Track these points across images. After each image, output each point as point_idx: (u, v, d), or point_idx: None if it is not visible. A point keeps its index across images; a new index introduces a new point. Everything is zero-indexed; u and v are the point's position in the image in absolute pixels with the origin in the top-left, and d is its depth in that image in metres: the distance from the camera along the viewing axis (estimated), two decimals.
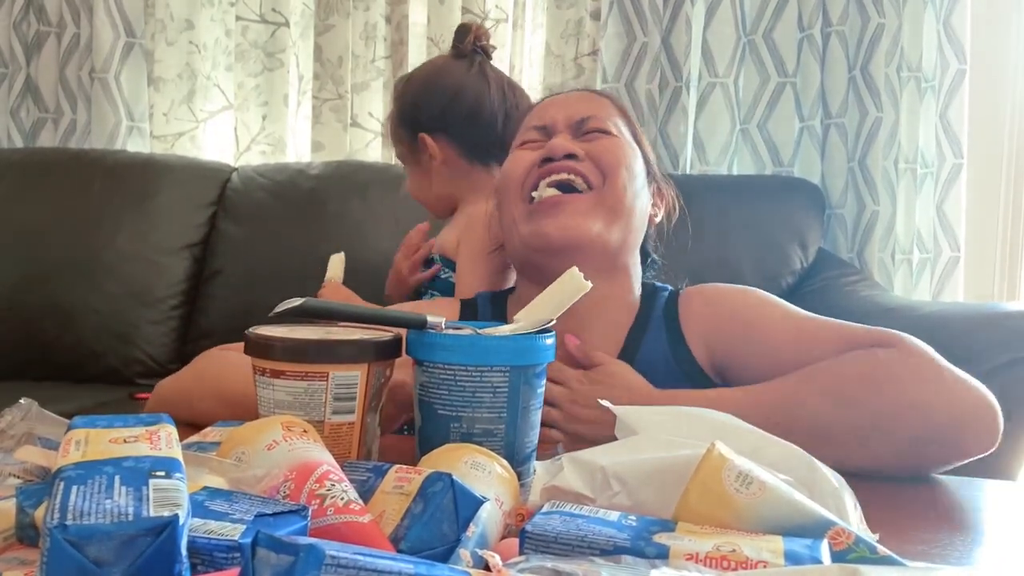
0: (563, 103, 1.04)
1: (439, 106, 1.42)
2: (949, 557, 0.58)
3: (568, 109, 1.01)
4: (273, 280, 2.04)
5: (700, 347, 0.94)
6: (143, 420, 0.50)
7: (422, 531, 0.47)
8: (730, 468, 0.50)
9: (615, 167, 0.95)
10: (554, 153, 0.95)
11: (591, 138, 0.98)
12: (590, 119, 1.00)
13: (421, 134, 1.44)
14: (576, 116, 1.00)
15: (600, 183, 0.95)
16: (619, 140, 0.99)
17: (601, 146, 0.97)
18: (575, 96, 1.06)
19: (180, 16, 2.43)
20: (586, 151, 0.96)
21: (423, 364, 0.65)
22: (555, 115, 1.01)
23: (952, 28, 1.96)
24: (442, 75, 1.45)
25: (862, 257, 2.00)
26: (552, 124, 1.01)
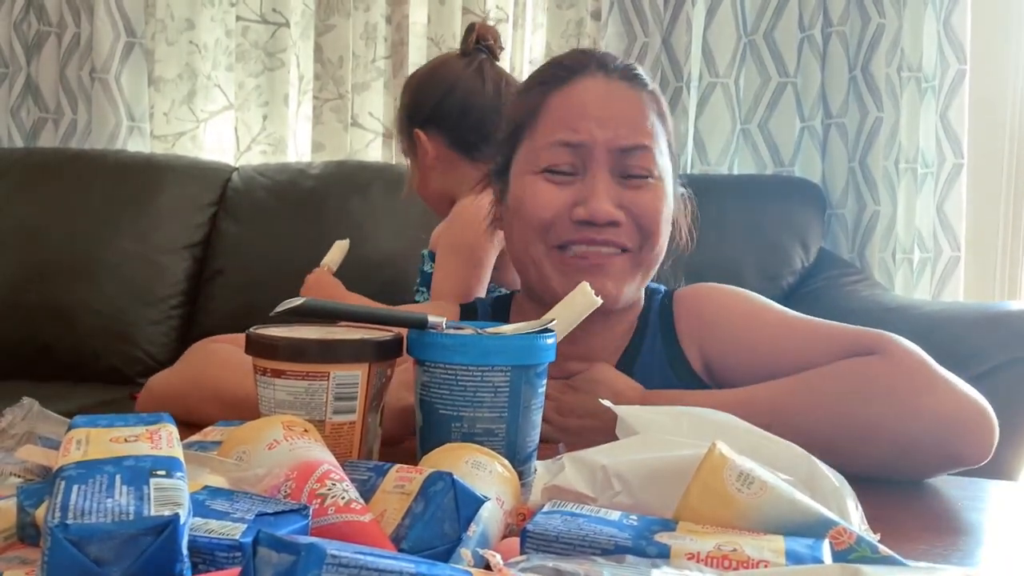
0: (603, 115, 0.89)
1: (433, 101, 1.44)
2: (950, 557, 0.58)
3: (610, 128, 0.88)
4: (273, 280, 2.04)
5: (693, 349, 0.94)
6: (144, 419, 0.50)
7: (423, 530, 0.47)
8: (731, 468, 0.50)
9: (655, 229, 0.90)
10: (597, 221, 0.87)
11: (634, 186, 0.89)
12: (636, 152, 0.88)
13: (416, 130, 1.46)
14: (619, 142, 0.88)
15: (638, 245, 0.89)
16: (660, 188, 0.90)
17: (644, 202, 0.89)
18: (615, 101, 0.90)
19: (180, 16, 2.43)
20: (627, 209, 0.88)
21: (424, 364, 0.65)
22: (594, 133, 0.88)
23: (952, 28, 1.96)
24: (439, 71, 1.48)
25: (863, 257, 2.00)
26: (590, 144, 0.88)
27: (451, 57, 1.51)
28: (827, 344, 0.85)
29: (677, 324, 0.95)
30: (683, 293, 0.98)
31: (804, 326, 0.90)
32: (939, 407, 0.76)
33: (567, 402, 0.87)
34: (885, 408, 0.77)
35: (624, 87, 0.91)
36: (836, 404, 0.79)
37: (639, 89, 0.92)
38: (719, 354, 0.92)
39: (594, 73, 0.91)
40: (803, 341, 0.87)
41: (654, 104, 0.92)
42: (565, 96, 0.91)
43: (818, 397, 0.80)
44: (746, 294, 0.97)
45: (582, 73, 0.91)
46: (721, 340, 0.92)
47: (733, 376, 0.89)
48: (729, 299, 0.96)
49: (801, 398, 0.80)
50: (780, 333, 0.90)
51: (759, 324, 0.91)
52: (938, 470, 0.79)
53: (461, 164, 1.45)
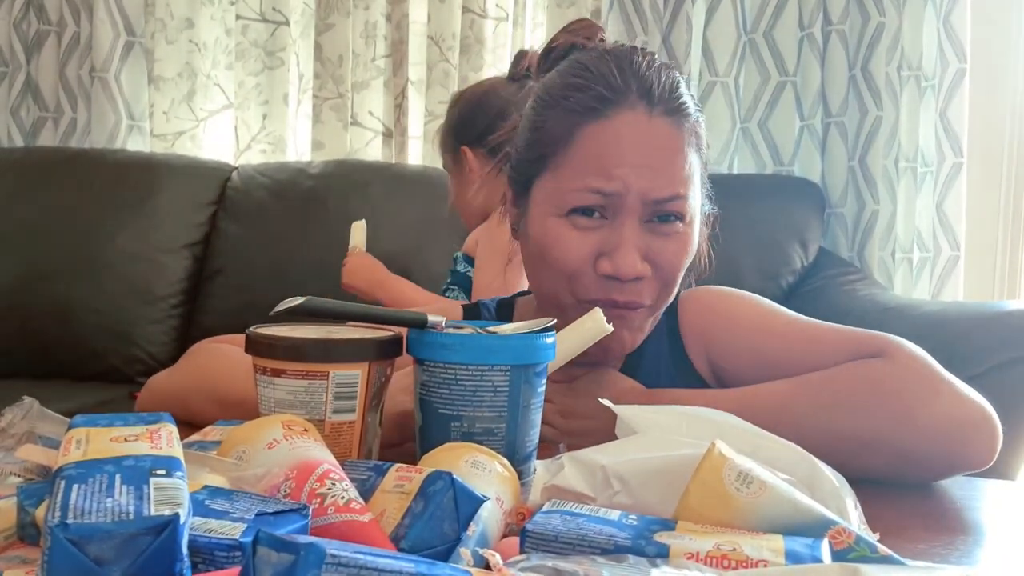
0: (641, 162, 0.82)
1: (484, 123, 1.51)
2: (949, 557, 0.58)
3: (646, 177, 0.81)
4: (273, 279, 2.04)
5: (698, 351, 0.93)
6: (144, 419, 0.50)
7: (423, 530, 0.47)
8: (731, 467, 0.50)
9: (676, 277, 0.86)
10: (622, 277, 0.82)
11: (662, 233, 0.83)
12: (675, 201, 0.83)
13: (463, 147, 1.56)
14: (653, 194, 0.82)
15: (658, 296, 0.86)
16: (688, 234, 0.85)
17: (669, 253, 0.84)
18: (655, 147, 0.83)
19: (180, 15, 2.43)
20: (652, 261, 0.83)
21: (424, 363, 0.65)
22: (629, 182, 0.81)
23: (952, 27, 1.96)
24: (491, 95, 1.56)
25: (862, 256, 2.00)
26: (623, 193, 0.81)
27: (501, 81, 1.58)
28: (834, 347, 0.84)
29: (682, 327, 0.95)
30: (688, 296, 0.97)
31: (811, 329, 0.89)
32: (943, 411, 0.76)
33: (569, 404, 0.86)
34: (888, 412, 0.77)
35: (667, 125, 0.83)
36: (839, 407, 0.78)
37: (681, 122, 0.84)
38: (725, 357, 0.92)
39: (634, 105, 0.83)
40: (810, 344, 0.86)
41: (694, 138, 0.86)
42: (599, 133, 0.82)
43: (821, 399, 0.80)
44: (752, 297, 0.96)
45: (621, 104, 0.83)
46: (727, 343, 0.92)
47: (739, 379, 0.88)
48: (735, 302, 0.95)
49: (803, 400, 0.80)
50: (787, 336, 0.89)
51: (766, 328, 0.91)
52: (942, 475, 0.78)
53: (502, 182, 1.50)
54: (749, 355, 0.90)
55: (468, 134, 1.55)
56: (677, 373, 0.93)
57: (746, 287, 1.00)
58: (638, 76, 0.84)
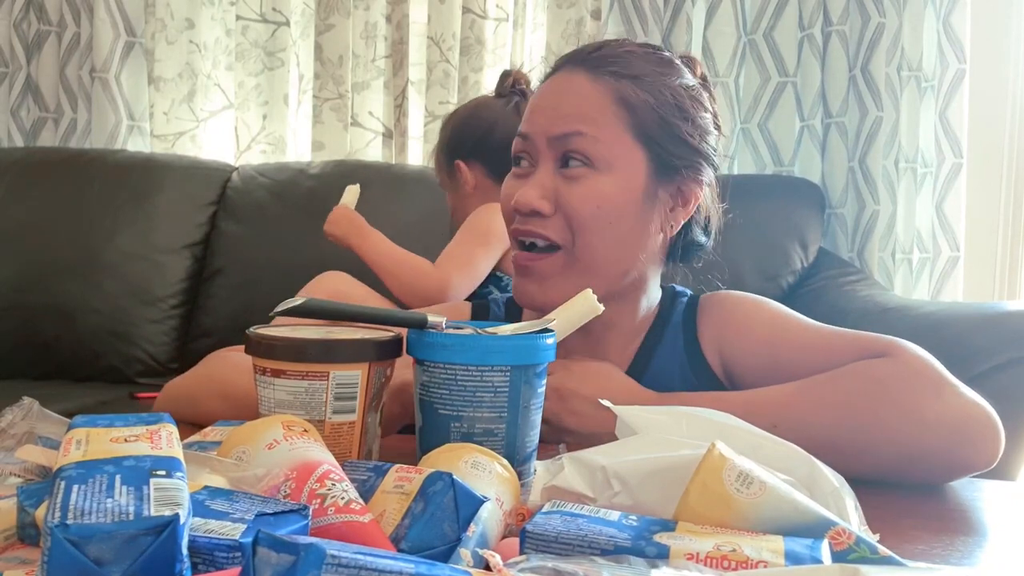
0: (548, 103, 0.89)
1: (476, 137, 1.62)
2: (949, 557, 0.58)
3: (551, 115, 0.88)
4: (273, 280, 2.04)
5: (713, 353, 0.93)
6: (144, 419, 0.50)
7: (423, 531, 0.47)
8: (730, 468, 0.50)
9: (586, 223, 0.86)
10: (520, 209, 0.87)
11: (569, 176, 0.87)
12: (572, 137, 0.86)
13: (457, 160, 1.64)
14: (556, 129, 0.87)
15: (570, 242, 0.87)
16: (595, 182, 0.86)
17: (575, 195, 0.86)
18: (563, 92, 0.89)
19: (180, 15, 2.43)
20: (559, 200, 0.86)
21: (424, 364, 0.65)
22: (537, 123, 0.89)
23: (952, 27, 1.96)
24: (481, 110, 1.66)
25: (862, 257, 2.00)
26: (533, 136, 0.89)
27: (489, 99, 1.69)
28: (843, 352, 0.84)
29: (700, 328, 0.95)
30: (708, 299, 0.97)
31: (822, 335, 0.89)
32: (948, 410, 0.76)
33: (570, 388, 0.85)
34: (893, 410, 0.77)
35: (582, 77, 0.88)
36: (843, 405, 0.78)
37: (602, 77, 0.87)
38: (738, 361, 0.92)
39: (563, 69, 0.91)
40: (821, 350, 0.86)
41: (621, 92, 0.87)
42: (535, 92, 0.93)
43: (825, 398, 0.80)
44: (767, 302, 0.96)
45: (559, 70, 0.92)
46: (741, 347, 0.92)
47: (751, 383, 0.88)
48: (751, 308, 0.95)
49: (806, 399, 0.80)
50: (800, 342, 0.89)
51: (779, 333, 0.90)
52: (948, 475, 0.78)
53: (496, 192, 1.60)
54: (761, 360, 0.90)
55: (461, 149, 1.64)
56: (693, 373, 0.93)
57: (746, 288, 1.00)
58: (583, 49, 0.93)
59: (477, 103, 1.70)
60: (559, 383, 0.83)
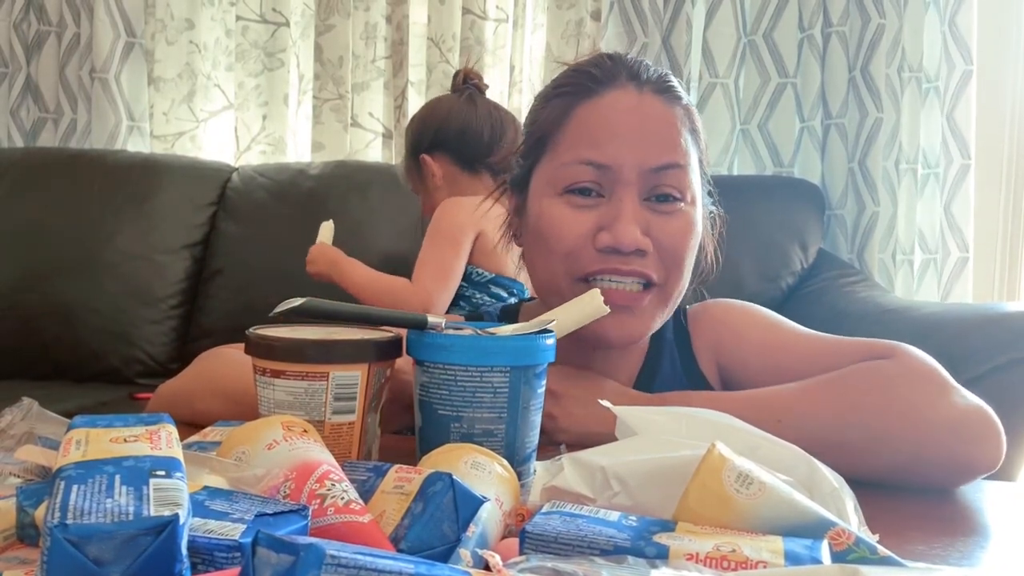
0: (633, 133, 0.82)
1: (433, 129, 1.71)
2: (949, 558, 0.58)
3: (640, 147, 0.82)
4: (273, 280, 2.04)
5: (709, 364, 0.93)
6: (143, 420, 0.50)
7: (422, 531, 0.47)
8: (730, 468, 0.50)
9: (682, 260, 0.84)
10: (623, 248, 0.80)
11: (663, 211, 0.83)
12: (671, 170, 0.82)
13: (422, 155, 1.72)
14: (649, 163, 0.81)
15: (663, 278, 0.84)
16: (691, 215, 0.84)
17: (672, 230, 0.82)
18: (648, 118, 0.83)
19: (180, 16, 2.43)
20: (654, 238, 0.82)
21: (423, 364, 0.65)
22: (622, 153, 0.81)
23: (958, 29, 1.96)
24: (433, 106, 1.77)
25: (862, 258, 2.00)
26: (617, 166, 0.81)
27: (443, 97, 1.80)
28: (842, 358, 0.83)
29: (694, 340, 0.94)
30: (697, 310, 0.97)
31: (819, 341, 0.88)
32: (952, 411, 0.75)
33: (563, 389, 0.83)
34: (897, 409, 0.76)
35: (657, 102, 0.84)
36: (847, 405, 0.78)
37: (672, 104, 0.85)
38: (734, 369, 0.91)
39: (624, 85, 0.84)
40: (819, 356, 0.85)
41: (687, 120, 0.85)
42: (592, 110, 0.84)
43: (829, 397, 0.79)
44: (758, 309, 0.95)
45: (611, 84, 0.84)
46: (736, 355, 0.91)
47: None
48: (743, 315, 0.94)
49: (811, 398, 0.79)
50: (796, 349, 0.88)
51: (774, 340, 0.90)
52: (950, 478, 0.77)
53: (463, 178, 1.71)
54: (762, 366, 0.89)
55: (422, 144, 1.72)
56: (691, 385, 0.92)
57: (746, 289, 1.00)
58: (626, 64, 0.87)
59: (432, 103, 1.80)
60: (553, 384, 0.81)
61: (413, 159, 1.75)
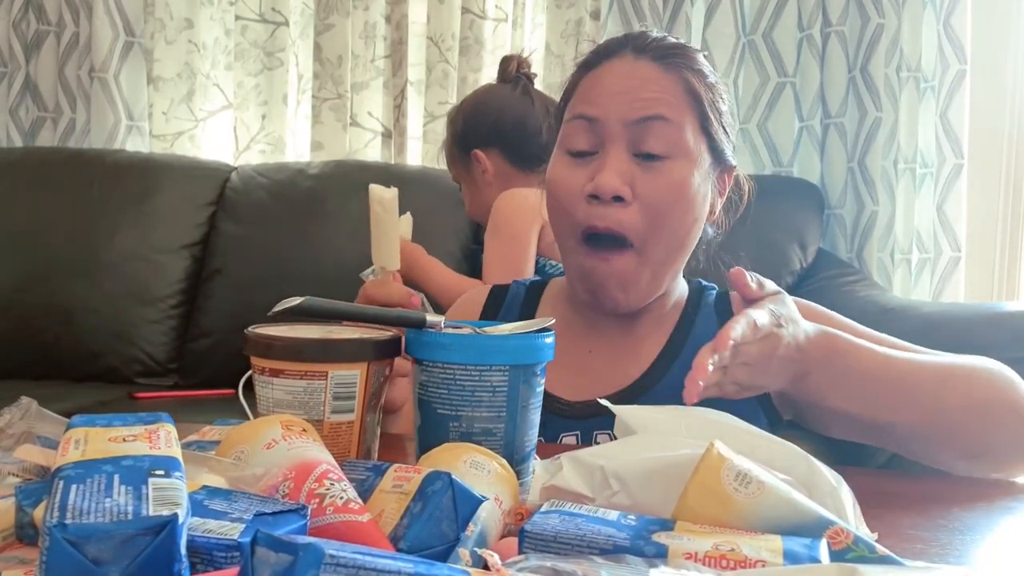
0: (622, 88, 0.87)
1: (488, 124, 1.59)
2: (948, 557, 0.58)
3: (628, 99, 0.86)
4: (273, 279, 2.04)
5: None
6: (142, 419, 0.50)
7: (421, 530, 0.47)
8: (729, 467, 0.50)
9: (664, 215, 0.86)
10: (601, 193, 0.85)
11: (649, 167, 0.86)
12: (654, 122, 0.85)
13: (474, 151, 1.61)
14: (635, 115, 0.85)
15: (643, 235, 0.86)
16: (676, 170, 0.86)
17: (656, 185, 0.85)
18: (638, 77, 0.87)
19: (179, 15, 2.43)
20: (636, 188, 0.85)
21: (422, 363, 0.65)
22: (609, 107, 0.86)
23: (952, 28, 1.96)
24: (489, 98, 1.64)
25: (861, 257, 2.00)
26: (604, 120, 0.86)
27: (494, 86, 1.66)
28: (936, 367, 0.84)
29: None
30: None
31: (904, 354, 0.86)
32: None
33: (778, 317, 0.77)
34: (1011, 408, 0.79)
35: (652, 67, 0.88)
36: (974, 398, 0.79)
37: (670, 69, 0.88)
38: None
39: (625, 55, 0.90)
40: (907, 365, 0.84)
41: (689, 84, 0.88)
42: (592, 77, 0.90)
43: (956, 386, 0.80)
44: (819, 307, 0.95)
45: (615, 55, 0.90)
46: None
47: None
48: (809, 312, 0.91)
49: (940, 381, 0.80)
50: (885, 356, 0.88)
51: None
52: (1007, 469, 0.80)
53: (516, 176, 1.60)
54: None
55: (476, 139, 1.60)
56: None
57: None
58: (633, 37, 0.92)
59: (483, 91, 1.67)
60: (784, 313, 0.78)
61: (461, 151, 1.63)
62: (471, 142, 1.61)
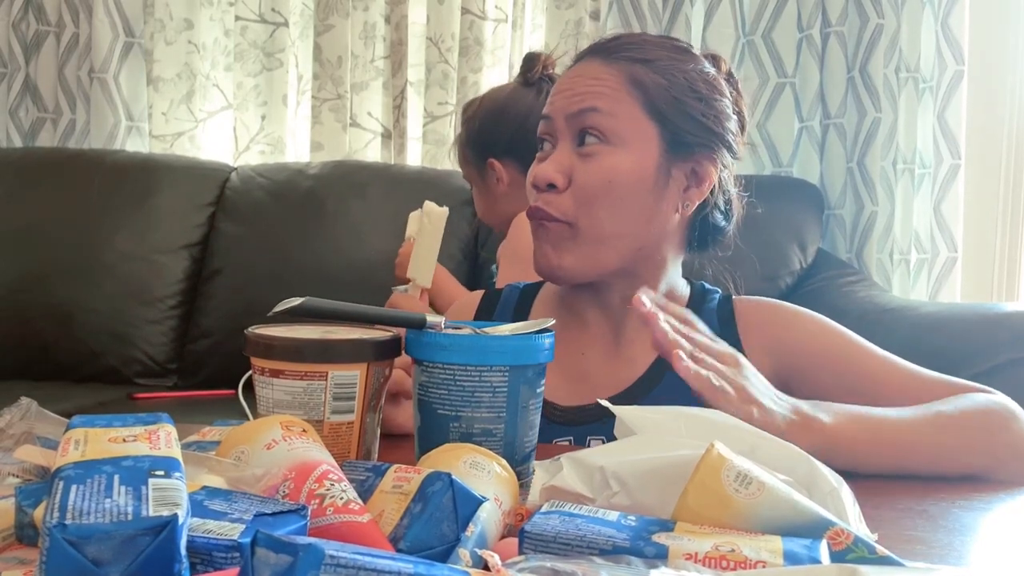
0: (566, 86, 0.94)
1: (508, 133, 1.50)
2: (947, 557, 0.58)
3: (568, 95, 0.92)
4: (272, 280, 2.04)
5: (761, 358, 0.90)
6: (142, 420, 0.50)
7: (421, 531, 0.47)
8: (729, 468, 0.50)
9: (591, 197, 0.90)
10: (536, 183, 0.92)
11: (584, 152, 0.91)
12: (588, 113, 0.90)
13: (490, 159, 1.53)
14: (572, 108, 0.91)
15: (576, 216, 0.90)
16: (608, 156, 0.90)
17: (587, 170, 0.90)
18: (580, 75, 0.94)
19: (179, 16, 2.43)
20: (573, 177, 0.90)
21: (422, 364, 0.65)
22: (555, 105, 0.93)
23: (950, 29, 1.96)
24: (511, 103, 1.53)
25: (861, 257, 2.00)
26: (553, 117, 0.94)
27: (517, 87, 1.56)
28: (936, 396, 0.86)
29: (744, 330, 0.95)
30: (750, 303, 0.98)
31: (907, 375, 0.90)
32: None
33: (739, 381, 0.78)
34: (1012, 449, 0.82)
35: (594, 63, 0.94)
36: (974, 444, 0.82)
37: (611, 62, 0.92)
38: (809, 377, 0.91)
39: (583, 59, 0.96)
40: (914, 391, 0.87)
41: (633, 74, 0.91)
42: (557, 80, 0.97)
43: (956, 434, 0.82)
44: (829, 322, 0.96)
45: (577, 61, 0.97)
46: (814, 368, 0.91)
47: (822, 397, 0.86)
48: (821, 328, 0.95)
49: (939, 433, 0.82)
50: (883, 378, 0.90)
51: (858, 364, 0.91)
52: None
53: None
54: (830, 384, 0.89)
55: (493, 147, 1.53)
56: None
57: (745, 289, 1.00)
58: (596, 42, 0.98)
59: (506, 95, 1.57)
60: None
61: (475, 155, 1.57)
62: (487, 149, 1.54)
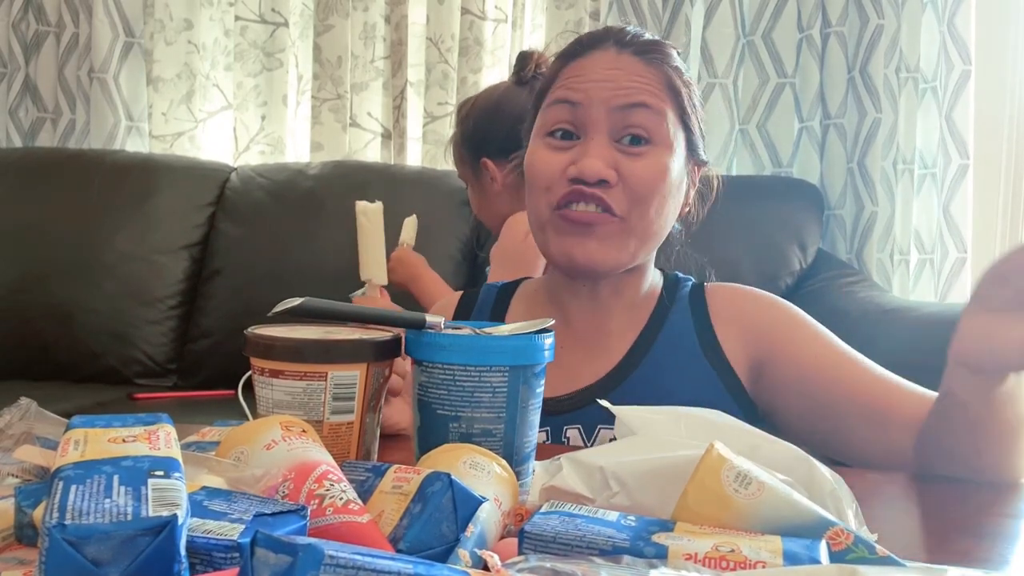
0: (606, 76, 0.90)
1: (502, 133, 1.48)
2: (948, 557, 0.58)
3: (612, 87, 0.89)
4: (272, 280, 2.04)
5: (734, 343, 0.94)
6: (142, 420, 0.50)
7: (421, 531, 0.47)
8: (729, 468, 0.50)
9: (647, 196, 0.88)
10: (586, 178, 0.87)
11: (631, 152, 0.88)
12: (638, 109, 0.88)
13: (483, 159, 1.54)
14: (619, 101, 0.88)
15: (628, 211, 0.88)
16: (658, 157, 0.89)
17: (639, 168, 0.88)
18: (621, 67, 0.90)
19: (179, 16, 2.43)
20: (620, 172, 0.88)
21: (422, 364, 0.65)
22: (592, 94, 0.89)
23: (956, 29, 1.96)
24: (505, 103, 1.53)
25: (861, 258, 2.00)
26: (587, 105, 0.89)
27: (510, 86, 1.56)
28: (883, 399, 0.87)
29: (713, 313, 0.96)
30: (722, 290, 0.98)
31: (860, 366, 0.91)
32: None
33: None
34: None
35: (634, 60, 0.91)
36: None
37: (651, 64, 0.91)
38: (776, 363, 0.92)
39: (607, 47, 0.93)
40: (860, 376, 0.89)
41: (668, 81, 0.91)
42: (576, 66, 0.93)
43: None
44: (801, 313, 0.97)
45: (597, 47, 0.93)
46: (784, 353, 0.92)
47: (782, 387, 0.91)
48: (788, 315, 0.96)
49: None
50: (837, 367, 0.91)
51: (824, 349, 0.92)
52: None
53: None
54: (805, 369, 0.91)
55: (487, 146, 1.54)
56: (703, 350, 0.94)
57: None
58: (614, 30, 0.95)
59: (499, 94, 1.58)
60: None
61: (470, 154, 1.57)
62: (481, 149, 1.55)
